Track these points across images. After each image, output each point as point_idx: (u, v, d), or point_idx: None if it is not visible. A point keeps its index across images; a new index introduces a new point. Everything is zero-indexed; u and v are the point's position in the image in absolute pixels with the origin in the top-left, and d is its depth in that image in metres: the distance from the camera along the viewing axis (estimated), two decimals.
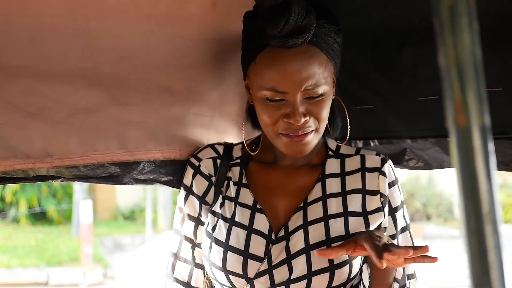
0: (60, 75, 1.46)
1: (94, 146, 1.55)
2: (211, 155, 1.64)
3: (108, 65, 1.53)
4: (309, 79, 1.40)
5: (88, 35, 1.46)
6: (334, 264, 1.47)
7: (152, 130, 1.64)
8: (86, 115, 1.53)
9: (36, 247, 11.43)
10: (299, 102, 1.42)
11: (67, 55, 1.46)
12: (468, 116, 0.59)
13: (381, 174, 1.57)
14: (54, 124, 1.47)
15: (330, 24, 1.44)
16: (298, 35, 1.37)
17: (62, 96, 1.48)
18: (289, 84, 1.40)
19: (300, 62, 1.40)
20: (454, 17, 0.59)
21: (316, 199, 1.56)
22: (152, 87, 1.62)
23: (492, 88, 1.51)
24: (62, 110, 1.48)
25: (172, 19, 1.55)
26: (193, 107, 1.71)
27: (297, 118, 1.42)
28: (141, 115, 1.62)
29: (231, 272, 1.50)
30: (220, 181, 1.61)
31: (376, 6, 1.70)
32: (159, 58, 1.60)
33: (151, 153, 1.64)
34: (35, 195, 13.30)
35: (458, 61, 0.59)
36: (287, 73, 1.40)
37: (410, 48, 1.66)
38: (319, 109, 1.44)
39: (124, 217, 14.28)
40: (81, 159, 1.53)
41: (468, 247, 0.59)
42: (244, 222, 1.54)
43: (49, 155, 1.48)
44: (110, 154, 1.57)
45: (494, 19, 1.49)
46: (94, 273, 9.68)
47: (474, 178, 0.59)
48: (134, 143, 1.62)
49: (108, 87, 1.55)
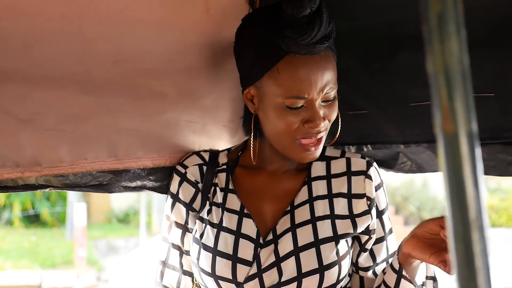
0: (53, 80, 1.46)
1: (83, 155, 1.54)
2: (197, 162, 1.64)
3: (101, 69, 1.52)
4: (329, 83, 1.43)
5: (81, 39, 1.46)
6: (324, 265, 1.48)
7: (143, 137, 1.64)
8: (77, 122, 1.52)
9: (29, 249, 11.41)
10: (318, 106, 1.43)
11: (60, 59, 1.45)
12: (455, 122, 0.59)
13: (367, 178, 1.58)
14: (44, 131, 1.46)
15: None
16: (324, 41, 1.39)
17: (54, 102, 1.47)
18: (313, 90, 1.41)
19: (322, 67, 1.41)
20: (442, 24, 0.59)
21: (303, 202, 1.56)
22: (145, 92, 1.62)
23: (484, 94, 1.52)
24: (53, 117, 1.47)
25: (165, 24, 1.55)
26: (185, 114, 1.71)
27: (317, 122, 1.43)
28: (132, 122, 1.61)
29: (221, 277, 1.50)
30: (206, 188, 1.61)
31: (370, 11, 1.71)
32: (152, 63, 1.60)
33: (141, 161, 1.64)
34: (29, 197, 13.28)
35: (446, 68, 0.59)
36: (311, 79, 1.40)
37: (403, 54, 1.67)
38: (332, 112, 1.47)
39: (118, 220, 14.27)
40: (70, 167, 1.51)
41: (455, 253, 0.60)
42: (231, 227, 1.54)
43: (38, 164, 1.46)
44: (99, 162, 1.56)
45: (487, 25, 1.50)
46: (87, 276, 9.65)
47: (462, 185, 0.59)
48: (124, 151, 1.61)
49: (100, 93, 1.54)
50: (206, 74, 1.70)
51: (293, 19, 1.37)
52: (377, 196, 1.58)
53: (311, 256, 1.49)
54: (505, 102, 1.53)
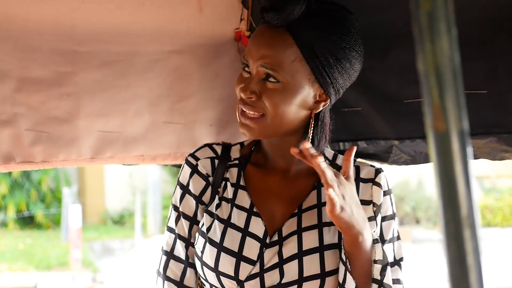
0: (37, 82, 1.48)
1: (56, 154, 1.59)
2: (209, 155, 1.63)
3: (89, 71, 1.53)
4: (267, 58, 1.42)
5: (73, 40, 1.46)
6: (326, 271, 1.48)
7: (116, 138, 1.67)
8: (55, 124, 1.56)
9: (24, 251, 11.38)
10: (254, 78, 1.45)
11: (49, 60, 1.46)
12: (446, 121, 0.59)
13: (374, 185, 1.57)
14: (23, 132, 1.51)
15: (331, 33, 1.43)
16: (273, 13, 1.39)
17: (35, 105, 1.51)
18: (251, 56, 1.44)
19: (266, 40, 1.43)
20: (432, 23, 0.59)
21: (311, 206, 1.56)
22: (127, 94, 1.63)
23: (477, 91, 1.53)
24: (33, 118, 1.52)
25: (157, 24, 1.55)
26: (164, 116, 1.72)
27: (245, 90, 1.45)
28: (107, 125, 1.64)
29: (223, 273, 1.50)
30: (217, 182, 1.60)
31: (363, 9, 1.71)
32: (142, 63, 1.60)
33: (111, 160, 1.69)
34: (24, 199, 13.25)
35: (437, 67, 0.59)
36: (254, 45, 1.44)
37: (396, 51, 1.68)
38: (270, 96, 1.44)
39: (113, 221, 14.24)
40: (42, 164, 1.58)
41: (447, 251, 0.60)
42: (240, 224, 1.54)
43: (13, 159, 1.53)
44: (70, 160, 1.63)
45: (478, 24, 1.51)
46: (83, 278, 9.64)
47: (453, 183, 0.59)
48: (95, 150, 1.65)
49: (82, 96, 1.57)
50: (197, 73, 1.70)
51: None
52: (384, 203, 1.57)
53: (314, 261, 1.48)
54: (496, 98, 1.55)
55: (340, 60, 1.44)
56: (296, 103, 1.46)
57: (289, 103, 1.45)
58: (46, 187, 13.61)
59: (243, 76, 1.48)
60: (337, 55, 1.43)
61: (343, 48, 1.43)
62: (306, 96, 1.47)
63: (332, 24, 1.44)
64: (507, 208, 13.25)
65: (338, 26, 1.44)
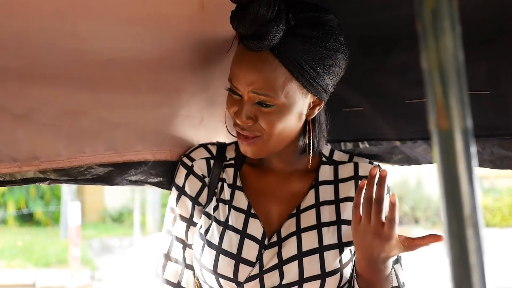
0: (47, 77, 1.45)
1: (81, 148, 1.53)
2: (204, 155, 1.62)
3: (96, 67, 1.52)
4: (257, 84, 1.39)
5: (75, 37, 1.45)
6: (326, 272, 1.47)
7: (141, 131, 1.63)
8: (74, 117, 1.51)
9: (23, 248, 11.38)
10: (247, 103, 1.42)
11: (54, 58, 1.45)
12: (450, 119, 0.59)
13: None
14: (41, 126, 1.46)
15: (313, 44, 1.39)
16: (254, 40, 1.35)
17: (50, 98, 1.47)
18: (239, 82, 1.41)
19: (253, 64, 1.39)
20: (436, 21, 0.59)
21: (310, 206, 1.55)
22: (141, 87, 1.61)
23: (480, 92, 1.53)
24: (49, 112, 1.47)
25: (160, 21, 1.54)
26: (183, 108, 1.70)
27: (239, 116, 1.43)
28: (129, 116, 1.61)
29: (222, 276, 1.49)
30: (213, 182, 1.59)
31: (365, 10, 1.71)
32: (148, 60, 1.59)
33: (140, 154, 1.63)
34: (23, 196, 13.25)
35: (441, 65, 0.59)
36: (240, 70, 1.41)
37: (398, 51, 1.67)
38: (268, 119, 1.42)
39: (112, 219, 14.25)
40: (69, 161, 1.51)
41: (449, 250, 0.59)
42: (238, 226, 1.53)
43: (36, 158, 1.46)
44: (98, 155, 1.56)
45: (480, 24, 1.50)
46: (81, 275, 9.63)
47: (456, 181, 0.59)
48: (122, 144, 1.60)
49: (96, 88, 1.54)
50: (202, 70, 1.69)
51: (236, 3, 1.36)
52: None
53: (314, 261, 1.48)
54: (499, 101, 1.54)
55: (329, 67, 1.42)
56: (293, 118, 1.45)
57: (286, 121, 1.44)
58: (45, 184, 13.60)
59: (234, 98, 1.45)
60: (325, 63, 1.41)
61: (329, 56, 1.41)
62: (301, 108, 1.46)
63: (315, 34, 1.39)
64: (506, 208, 13.26)
65: (320, 35, 1.40)
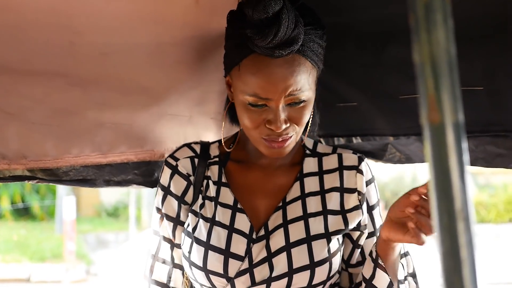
0: (40, 74, 1.45)
1: (68, 149, 1.55)
2: (188, 154, 1.62)
3: (89, 62, 1.52)
4: (293, 86, 1.40)
5: (70, 31, 1.45)
6: (315, 262, 1.48)
7: (127, 131, 1.64)
8: (63, 116, 1.52)
9: (18, 243, 11.36)
10: (281, 108, 1.42)
11: (49, 52, 1.45)
12: (441, 113, 0.59)
13: (358, 172, 1.58)
14: (31, 125, 1.47)
15: (316, 30, 1.44)
16: (285, 47, 1.37)
17: (41, 96, 1.47)
18: (273, 92, 1.40)
19: (285, 71, 1.39)
20: (429, 14, 0.59)
21: (295, 198, 1.56)
22: (131, 87, 1.61)
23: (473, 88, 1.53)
24: (40, 111, 1.48)
25: (154, 16, 1.54)
26: (171, 108, 1.70)
27: (278, 125, 1.42)
28: (117, 116, 1.61)
29: (212, 272, 1.49)
30: (199, 181, 1.60)
31: (361, 5, 1.71)
32: (141, 56, 1.59)
33: (124, 155, 1.64)
34: (18, 190, 13.23)
35: (433, 58, 0.59)
36: (271, 81, 1.40)
37: (393, 47, 1.67)
38: (300, 115, 1.45)
39: (108, 214, 14.24)
40: (55, 161, 1.53)
41: (440, 244, 0.59)
42: (225, 221, 1.53)
43: (24, 157, 1.47)
44: (83, 156, 1.57)
45: (477, 21, 1.50)
46: (77, 270, 9.63)
47: (447, 175, 0.59)
48: (108, 145, 1.61)
49: (87, 86, 1.54)
50: (195, 66, 1.69)
51: (253, 19, 1.37)
52: (368, 191, 1.58)
53: (302, 252, 1.49)
54: (494, 97, 1.54)
55: (324, 44, 1.49)
56: (312, 106, 1.50)
57: (310, 110, 1.48)
58: None
59: (257, 110, 1.44)
60: (324, 42, 1.48)
61: (324, 33, 1.48)
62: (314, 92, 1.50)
63: (317, 24, 1.45)
64: (501, 205, 13.28)
65: (316, 18, 1.47)
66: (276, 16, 1.34)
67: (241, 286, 1.49)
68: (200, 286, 1.54)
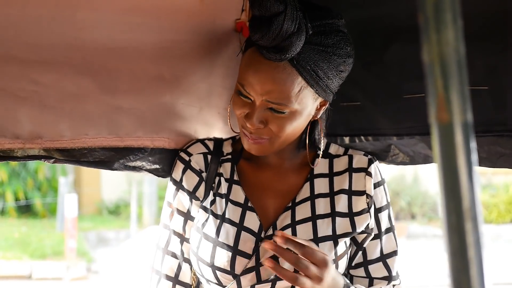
0: (48, 63, 1.46)
1: (84, 130, 1.54)
2: (202, 150, 1.63)
3: (96, 55, 1.52)
4: (274, 94, 1.40)
5: (74, 26, 1.45)
6: None
7: (142, 117, 1.63)
8: (76, 100, 1.52)
9: (19, 240, 11.36)
10: (259, 108, 1.43)
11: (54, 46, 1.45)
12: (450, 112, 0.59)
13: (367, 175, 1.58)
14: (43, 108, 1.47)
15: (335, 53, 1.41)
16: (274, 53, 1.36)
17: (51, 82, 1.47)
18: (254, 90, 1.41)
19: (270, 75, 1.39)
20: (438, 14, 0.59)
21: (304, 199, 1.56)
22: (142, 75, 1.61)
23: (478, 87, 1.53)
24: (51, 95, 1.48)
25: (159, 11, 1.54)
26: (182, 97, 1.70)
27: (251, 121, 1.43)
28: (131, 101, 1.61)
29: (219, 268, 1.50)
30: (211, 177, 1.60)
31: (363, 3, 1.71)
32: (147, 50, 1.59)
33: (141, 140, 1.63)
34: (21, 187, 13.24)
35: (442, 58, 0.59)
36: (255, 79, 1.40)
37: (397, 46, 1.67)
38: (279, 126, 1.44)
39: (109, 211, 14.23)
40: (72, 142, 1.52)
41: (448, 243, 0.59)
42: (234, 219, 1.54)
43: (39, 137, 1.47)
44: (100, 138, 1.56)
45: (481, 19, 1.50)
46: (77, 267, 9.63)
47: (455, 175, 0.59)
48: (124, 129, 1.61)
49: (97, 74, 1.54)
50: (201, 61, 1.69)
51: (254, 15, 1.38)
52: (376, 194, 1.58)
53: None
54: (498, 96, 1.54)
55: (340, 72, 1.45)
56: (302, 121, 1.48)
57: (296, 124, 1.46)
58: (42, 176, 13.59)
59: (243, 100, 1.46)
60: (338, 69, 1.44)
61: (342, 62, 1.44)
62: (310, 110, 1.48)
63: (330, 42, 1.41)
64: (502, 205, 13.28)
65: (335, 42, 1.42)
66: (271, 18, 1.33)
67: (247, 283, 1.49)
68: (207, 281, 1.55)
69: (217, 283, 1.52)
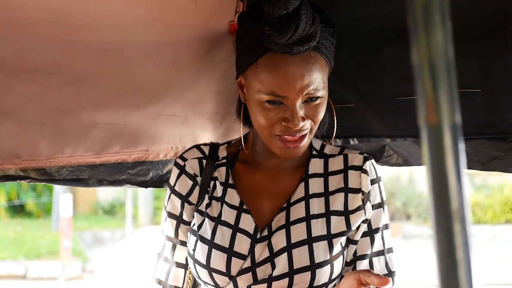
0: (36, 71, 1.45)
1: (62, 149, 1.55)
2: (197, 155, 1.65)
3: (85, 60, 1.52)
4: (311, 84, 1.43)
5: (67, 29, 1.45)
6: (316, 263, 1.48)
7: (121, 131, 1.64)
8: (58, 115, 1.52)
9: (14, 240, 11.35)
10: (298, 106, 1.44)
11: (45, 50, 1.44)
12: (439, 114, 0.59)
13: (362, 172, 1.58)
14: (25, 124, 1.47)
15: (329, 27, 1.47)
16: (304, 43, 1.38)
17: (35, 95, 1.47)
18: (291, 90, 1.42)
19: (303, 68, 1.42)
20: (427, 16, 0.59)
21: (299, 199, 1.57)
22: (127, 85, 1.61)
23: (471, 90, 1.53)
24: (34, 110, 1.48)
25: (152, 15, 1.54)
26: (167, 108, 1.70)
27: (295, 122, 1.43)
28: (112, 116, 1.62)
29: (215, 270, 1.51)
30: (206, 182, 1.62)
31: (357, 5, 1.71)
32: (138, 55, 1.59)
33: (118, 155, 1.64)
34: (15, 188, 13.21)
35: (431, 59, 0.59)
36: (289, 79, 1.41)
37: (390, 48, 1.67)
38: (316, 112, 1.47)
39: (104, 211, 14.22)
40: (48, 161, 1.53)
41: (436, 244, 0.60)
42: (230, 221, 1.55)
43: (18, 157, 1.47)
44: (77, 156, 1.57)
45: (473, 21, 1.50)
46: (73, 267, 9.63)
47: (444, 176, 0.59)
48: (102, 145, 1.61)
49: (83, 85, 1.54)
50: (192, 66, 1.69)
51: (272, 17, 1.38)
52: (372, 191, 1.58)
53: (303, 253, 1.49)
54: (490, 98, 1.54)
55: (335, 42, 1.52)
56: (326, 102, 1.52)
57: (324, 107, 1.51)
58: None
59: (272, 108, 1.46)
60: (334, 40, 1.51)
61: (335, 31, 1.51)
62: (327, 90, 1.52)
63: (328, 21, 1.48)
64: (497, 205, 13.29)
65: (331, 21, 1.49)
66: (295, 12, 1.36)
67: (243, 284, 1.50)
68: (204, 284, 1.56)
69: (214, 285, 1.52)
